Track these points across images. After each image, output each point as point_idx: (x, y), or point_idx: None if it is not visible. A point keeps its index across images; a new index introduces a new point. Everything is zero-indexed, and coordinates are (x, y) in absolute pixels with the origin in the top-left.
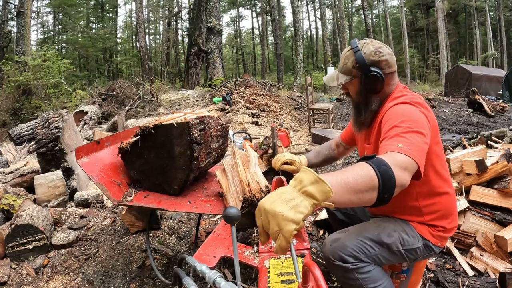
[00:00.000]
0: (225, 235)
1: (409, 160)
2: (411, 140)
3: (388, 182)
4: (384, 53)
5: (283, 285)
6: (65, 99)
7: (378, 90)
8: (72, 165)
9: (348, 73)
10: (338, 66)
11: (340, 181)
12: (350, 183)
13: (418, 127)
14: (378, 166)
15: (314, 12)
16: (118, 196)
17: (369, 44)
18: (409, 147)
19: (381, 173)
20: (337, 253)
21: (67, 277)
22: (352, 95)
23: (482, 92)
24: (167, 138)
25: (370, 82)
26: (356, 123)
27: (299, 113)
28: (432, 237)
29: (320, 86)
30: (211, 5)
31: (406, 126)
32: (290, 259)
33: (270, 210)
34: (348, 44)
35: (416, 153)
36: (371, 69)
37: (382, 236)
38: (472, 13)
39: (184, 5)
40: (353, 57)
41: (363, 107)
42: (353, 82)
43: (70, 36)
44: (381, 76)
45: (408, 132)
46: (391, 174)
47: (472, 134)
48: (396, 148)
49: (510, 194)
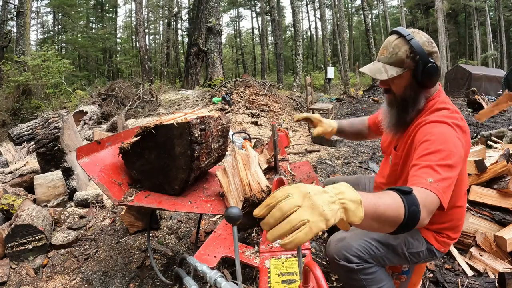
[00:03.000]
0: (226, 235)
1: (436, 200)
2: (443, 176)
3: (411, 222)
4: (435, 45)
5: (283, 285)
6: (65, 99)
7: (433, 84)
8: (71, 165)
9: (400, 64)
10: (380, 56)
11: (372, 208)
12: (379, 212)
13: (454, 159)
14: (410, 205)
15: (314, 12)
16: (119, 196)
17: (419, 33)
18: (440, 183)
19: (409, 214)
20: (342, 252)
21: (67, 277)
22: (398, 90)
23: (481, 92)
24: (168, 138)
25: (427, 75)
26: (397, 124)
27: (298, 113)
28: (436, 242)
29: (320, 86)
30: (211, 5)
31: (442, 157)
32: (291, 259)
33: (313, 197)
34: (391, 33)
35: (444, 190)
36: (430, 59)
37: (388, 237)
38: (472, 13)
39: (184, 5)
40: (406, 46)
41: (411, 104)
42: (404, 75)
43: (70, 36)
44: (438, 69)
45: (442, 166)
46: (418, 216)
47: (471, 134)
48: (427, 184)
49: (510, 194)
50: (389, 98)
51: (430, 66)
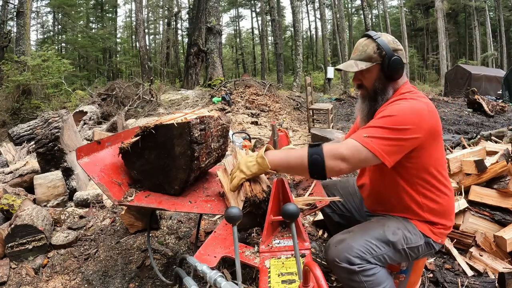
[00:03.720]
0: (226, 235)
1: (365, 151)
2: (383, 135)
3: (315, 167)
4: (399, 44)
5: (283, 285)
6: (65, 99)
7: (399, 76)
8: (71, 165)
9: (369, 59)
10: (353, 55)
11: (281, 159)
12: (287, 161)
13: (407, 125)
14: (311, 154)
15: (314, 12)
16: (119, 196)
17: (385, 35)
18: (374, 140)
19: (311, 160)
20: (343, 254)
21: (67, 277)
22: (368, 84)
23: (481, 92)
24: (168, 138)
25: (393, 67)
26: (369, 114)
27: (298, 113)
28: (433, 234)
29: (320, 86)
30: (211, 5)
31: (389, 121)
32: (291, 259)
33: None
34: (362, 37)
35: (383, 148)
36: (394, 54)
37: (387, 234)
38: (472, 13)
39: (184, 5)
40: (374, 43)
41: (380, 95)
42: (372, 69)
43: (70, 36)
44: (402, 62)
45: (385, 128)
46: (320, 162)
47: (471, 134)
48: (358, 137)
49: (510, 194)
50: (362, 93)
51: (395, 59)
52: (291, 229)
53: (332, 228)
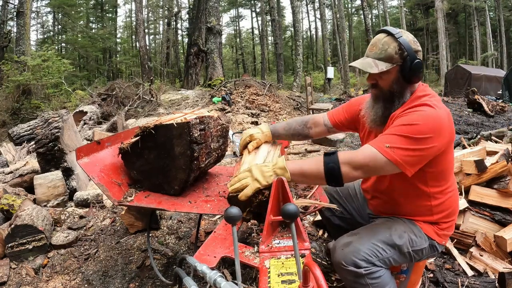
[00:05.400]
0: (226, 235)
1: (386, 162)
2: (405, 146)
3: (331, 175)
4: (419, 44)
5: (283, 285)
6: (65, 99)
7: (418, 79)
8: (71, 165)
9: (389, 60)
10: (369, 52)
11: (298, 169)
12: (303, 171)
13: (427, 135)
14: (328, 163)
15: (314, 12)
16: (118, 196)
17: (405, 32)
18: (397, 151)
19: (327, 169)
20: (350, 257)
21: (67, 277)
22: (385, 85)
23: (481, 92)
24: (167, 138)
25: (414, 71)
26: (382, 117)
27: (298, 113)
28: (437, 236)
29: (320, 86)
30: (211, 5)
31: (411, 130)
32: (291, 259)
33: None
34: (378, 32)
35: (406, 160)
36: (416, 56)
37: (393, 237)
38: (472, 13)
39: (184, 5)
40: (395, 43)
41: (397, 97)
42: (391, 70)
43: (70, 36)
44: (422, 65)
45: (407, 138)
46: (336, 171)
47: (471, 134)
48: (380, 147)
49: (510, 194)
50: (376, 93)
51: (417, 62)
52: (291, 229)
53: (332, 230)
